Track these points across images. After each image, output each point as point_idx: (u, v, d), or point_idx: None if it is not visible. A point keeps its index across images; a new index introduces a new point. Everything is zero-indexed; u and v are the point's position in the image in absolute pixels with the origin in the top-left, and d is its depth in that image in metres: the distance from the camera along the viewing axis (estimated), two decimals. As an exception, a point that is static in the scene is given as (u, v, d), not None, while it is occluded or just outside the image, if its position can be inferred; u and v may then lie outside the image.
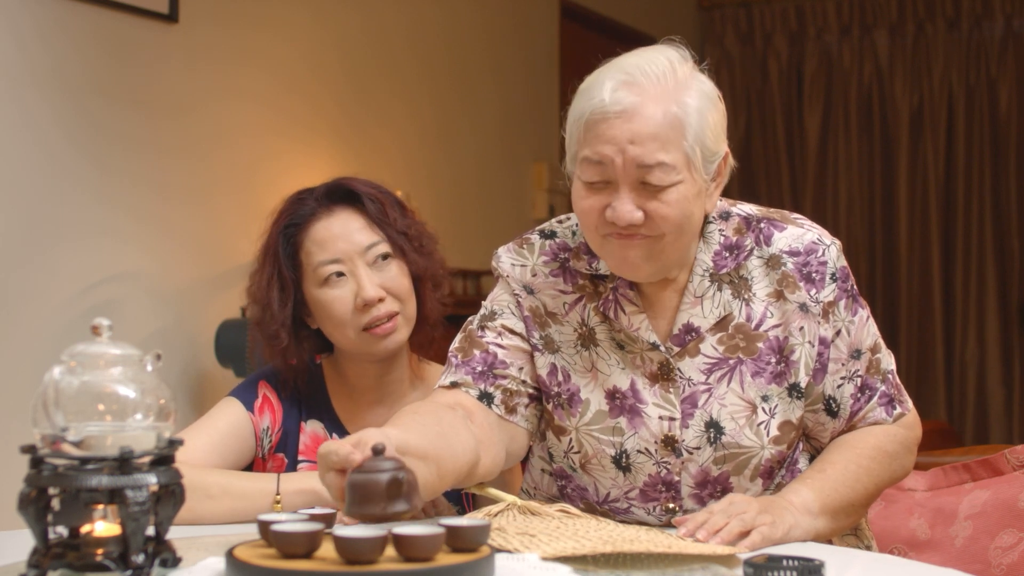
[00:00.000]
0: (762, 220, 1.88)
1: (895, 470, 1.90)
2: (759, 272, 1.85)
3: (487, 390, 1.86)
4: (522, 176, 5.80)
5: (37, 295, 3.41)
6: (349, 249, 2.04)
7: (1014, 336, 6.66)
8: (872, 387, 1.89)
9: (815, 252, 1.85)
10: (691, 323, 1.84)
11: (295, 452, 2.08)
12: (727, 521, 1.65)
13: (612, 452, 1.86)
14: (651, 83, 1.70)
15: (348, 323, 2.04)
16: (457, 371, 1.88)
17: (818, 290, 1.83)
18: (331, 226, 2.05)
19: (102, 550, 1.33)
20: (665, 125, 1.69)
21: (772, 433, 1.84)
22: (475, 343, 1.90)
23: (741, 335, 1.84)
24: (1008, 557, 2.08)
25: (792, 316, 1.83)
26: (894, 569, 1.64)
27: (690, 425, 1.83)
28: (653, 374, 1.85)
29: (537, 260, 1.93)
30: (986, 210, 6.71)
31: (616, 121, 1.69)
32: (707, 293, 1.84)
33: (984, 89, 6.77)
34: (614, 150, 1.70)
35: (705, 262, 1.84)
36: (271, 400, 2.09)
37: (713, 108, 1.75)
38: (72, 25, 3.51)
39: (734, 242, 1.85)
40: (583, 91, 1.76)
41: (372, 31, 4.78)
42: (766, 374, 1.83)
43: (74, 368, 1.35)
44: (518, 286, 1.92)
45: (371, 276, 2.04)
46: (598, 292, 1.88)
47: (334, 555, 1.28)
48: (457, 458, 1.66)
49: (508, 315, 1.91)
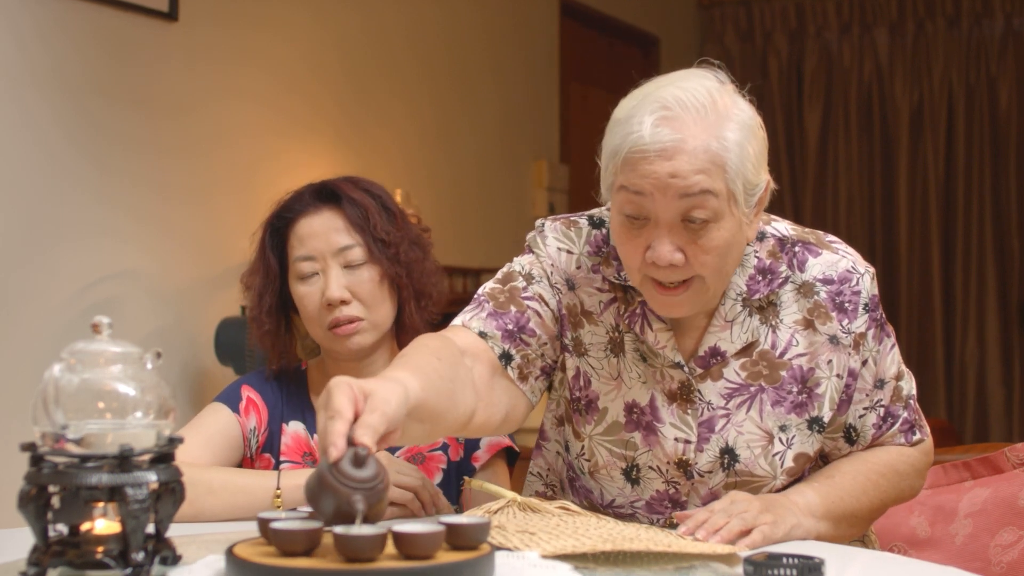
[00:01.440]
0: (797, 243, 1.83)
1: (903, 489, 1.90)
2: (789, 297, 1.81)
3: (509, 351, 1.83)
4: (522, 174, 5.80)
5: (37, 294, 3.41)
6: (323, 248, 2.07)
7: (1014, 335, 6.66)
8: (895, 415, 1.87)
9: (849, 281, 1.81)
10: (718, 346, 1.81)
11: (279, 452, 2.09)
12: (728, 520, 1.65)
13: (623, 465, 1.85)
14: (691, 118, 1.64)
15: (315, 320, 2.08)
16: (488, 321, 1.83)
17: (850, 320, 1.80)
18: (313, 224, 2.09)
19: (102, 548, 1.33)
20: (707, 162, 1.63)
21: (787, 464, 1.82)
22: (515, 299, 1.85)
23: (765, 362, 1.81)
24: (1008, 555, 2.08)
25: (821, 348, 1.80)
26: (894, 567, 1.64)
27: (705, 450, 1.81)
28: (672, 392, 1.82)
29: (583, 249, 1.88)
30: (986, 209, 6.71)
31: (656, 159, 1.64)
32: (737, 318, 1.81)
33: (984, 88, 6.77)
34: (654, 185, 1.64)
35: (739, 286, 1.80)
36: (255, 401, 2.11)
37: (753, 138, 1.69)
38: (71, 23, 3.51)
39: (767, 266, 1.81)
40: (620, 121, 1.69)
41: (372, 29, 4.78)
42: (786, 403, 1.81)
43: (74, 366, 1.35)
44: (560, 278, 1.87)
45: (340, 277, 2.06)
46: (627, 300, 1.84)
47: (334, 553, 1.28)
48: (455, 417, 1.65)
49: (545, 287, 1.87)
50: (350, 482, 1.32)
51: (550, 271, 1.87)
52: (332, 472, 1.32)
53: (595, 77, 6.25)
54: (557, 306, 1.87)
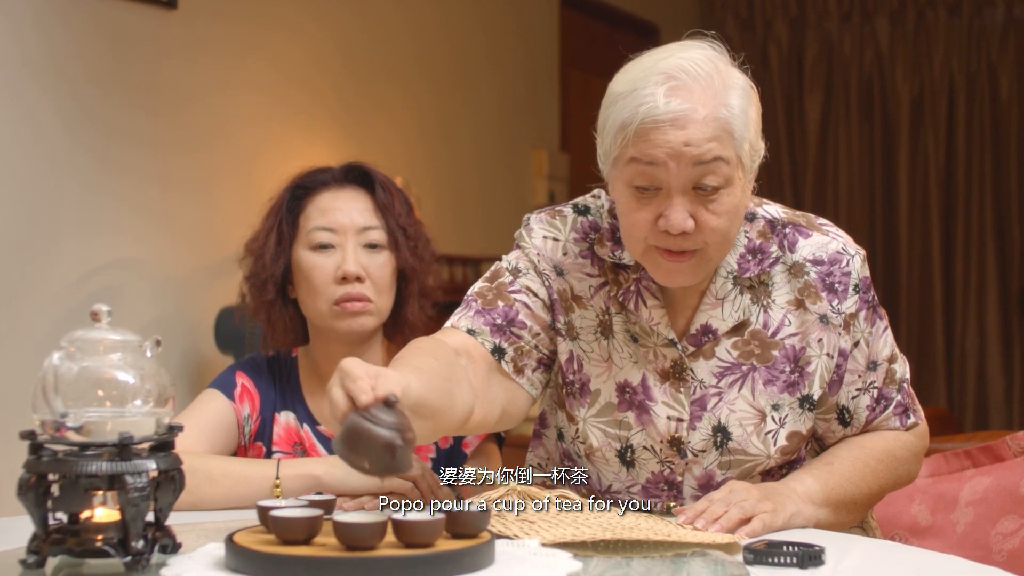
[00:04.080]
0: (788, 224, 1.85)
1: (900, 475, 1.90)
2: (780, 279, 1.83)
3: (501, 345, 1.83)
4: (522, 163, 5.79)
5: (37, 283, 3.40)
6: (346, 223, 2.07)
7: (1014, 324, 6.67)
8: (888, 397, 1.88)
9: (839, 262, 1.82)
10: (709, 324, 1.82)
11: (271, 442, 2.08)
12: (727, 509, 1.65)
13: (618, 446, 1.85)
14: (700, 87, 1.66)
15: (323, 293, 2.06)
16: (476, 318, 1.84)
17: (840, 301, 1.81)
18: (337, 198, 2.10)
19: (102, 536, 1.33)
20: (718, 129, 1.66)
21: (780, 443, 1.82)
22: (502, 294, 1.86)
23: (757, 341, 1.82)
24: (1009, 543, 2.08)
25: (811, 327, 1.81)
26: (895, 555, 1.64)
27: (697, 428, 1.82)
28: (665, 371, 1.83)
29: (568, 236, 1.89)
30: (986, 197, 6.71)
31: (669, 129, 1.65)
32: (728, 296, 1.82)
33: (985, 76, 6.76)
34: (668, 154, 1.65)
35: (730, 264, 1.82)
36: (249, 388, 2.10)
37: (753, 104, 1.72)
38: (69, 12, 3.50)
39: (758, 245, 1.83)
40: (624, 94, 1.69)
41: (371, 17, 4.77)
42: (779, 383, 1.82)
43: (73, 354, 1.35)
44: (548, 266, 1.88)
45: (358, 254, 2.06)
46: (619, 281, 1.85)
47: (334, 541, 1.28)
48: (454, 415, 1.65)
49: (533, 277, 1.88)
50: (385, 423, 1.32)
51: (537, 260, 1.88)
52: (365, 416, 1.32)
53: (595, 65, 6.23)
54: (547, 294, 1.88)
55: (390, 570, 1.24)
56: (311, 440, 2.08)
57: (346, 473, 1.85)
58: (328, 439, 2.07)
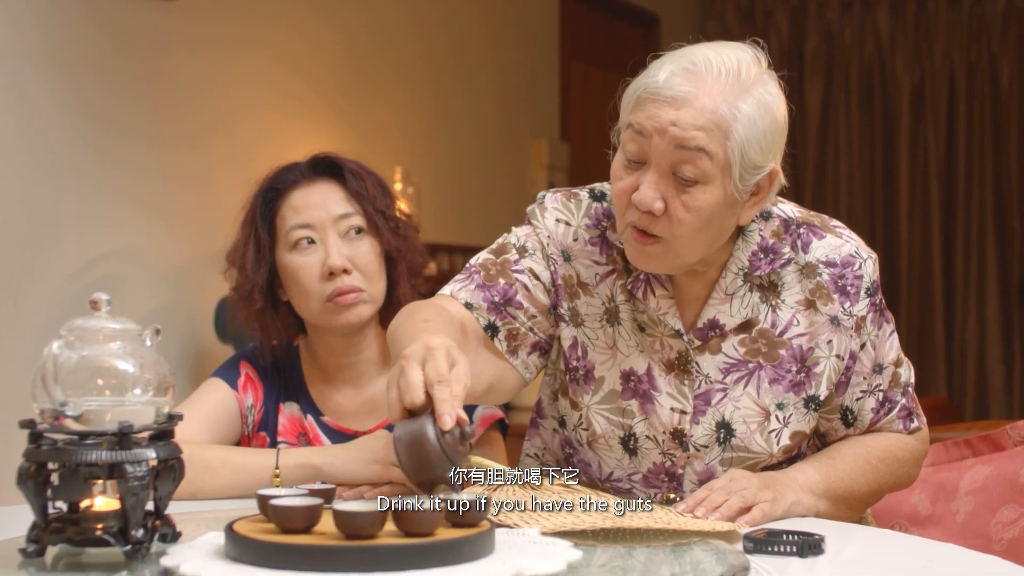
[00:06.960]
0: (802, 224, 1.85)
1: (900, 476, 1.90)
2: (792, 278, 1.83)
3: (495, 323, 1.83)
4: (521, 153, 5.79)
5: (37, 273, 3.40)
6: (322, 217, 2.05)
7: (1014, 313, 6.67)
8: (893, 400, 1.88)
9: (852, 265, 1.82)
10: (716, 319, 1.82)
11: (275, 432, 2.08)
12: (727, 497, 1.65)
13: (621, 434, 1.85)
14: (712, 78, 1.66)
15: (313, 292, 2.03)
16: (476, 293, 1.84)
17: (852, 303, 1.81)
18: (309, 194, 2.07)
19: (101, 525, 1.33)
20: (710, 122, 1.65)
21: (783, 443, 1.83)
22: (504, 272, 1.86)
23: (764, 340, 1.82)
24: (1009, 532, 2.08)
25: (821, 328, 1.82)
26: (894, 544, 1.64)
27: (700, 422, 1.82)
28: (670, 362, 1.83)
29: (581, 222, 1.88)
30: (987, 187, 6.70)
31: (664, 104, 1.66)
32: (737, 292, 1.82)
33: (985, 66, 6.76)
34: (655, 128, 1.67)
35: (741, 260, 1.82)
36: (252, 379, 2.09)
37: (768, 119, 1.69)
38: (69, 4, 3.50)
39: (770, 245, 1.83)
40: (648, 70, 1.72)
41: (370, 8, 4.76)
42: (784, 382, 1.82)
43: (73, 343, 1.35)
44: (556, 250, 1.88)
45: (340, 246, 2.03)
46: (628, 270, 1.85)
47: (333, 530, 1.28)
48: None
49: (539, 260, 1.88)
50: (455, 456, 1.36)
51: (546, 243, 1.88)
52: (443, 441, 1.36)
53: (596, 56, 6.23)
54: (551, 279, 1.87)
55: (390, 559, 1.24)
56: (315, 431, 2.07)
57: (344, 462, 1.85)
58: (332, 429, 2.07)
